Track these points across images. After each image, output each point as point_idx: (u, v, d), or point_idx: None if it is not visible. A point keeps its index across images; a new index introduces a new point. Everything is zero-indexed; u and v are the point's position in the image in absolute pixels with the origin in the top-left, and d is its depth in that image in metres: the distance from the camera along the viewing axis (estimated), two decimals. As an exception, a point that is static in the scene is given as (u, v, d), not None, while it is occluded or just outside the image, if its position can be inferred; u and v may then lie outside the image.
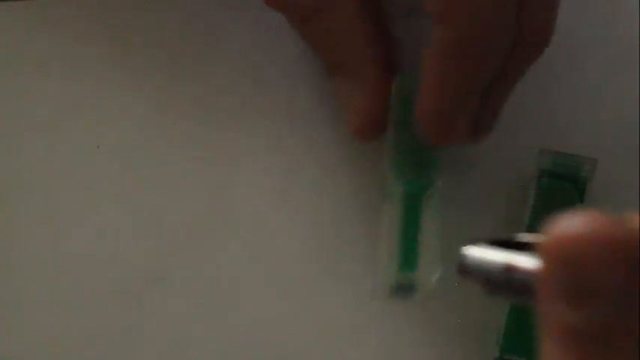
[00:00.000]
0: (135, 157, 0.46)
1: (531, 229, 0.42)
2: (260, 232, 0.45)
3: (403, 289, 0.41)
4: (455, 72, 0.39)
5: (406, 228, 0.41)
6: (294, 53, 0.47)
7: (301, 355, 0.44)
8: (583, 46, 0.47)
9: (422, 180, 0.42)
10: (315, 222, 0.45)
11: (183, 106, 0.47)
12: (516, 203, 0.44)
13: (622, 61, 0.46)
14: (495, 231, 0.44)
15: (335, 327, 0.44)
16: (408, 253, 0.41)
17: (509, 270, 0.31)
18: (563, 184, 0.42)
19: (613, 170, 0.45)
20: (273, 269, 0.45)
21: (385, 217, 0.42)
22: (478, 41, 0.38)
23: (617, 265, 0.26)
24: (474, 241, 0.32)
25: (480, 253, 0.31)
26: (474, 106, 0.41)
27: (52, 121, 0.46)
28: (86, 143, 0.46)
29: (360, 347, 0.44)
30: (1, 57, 0.47)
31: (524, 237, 0.32)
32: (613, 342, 0.27)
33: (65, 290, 0.44)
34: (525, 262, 0.31)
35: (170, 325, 0.44)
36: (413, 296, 0.41)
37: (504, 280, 0.31)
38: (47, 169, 0.46)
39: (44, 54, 0.47)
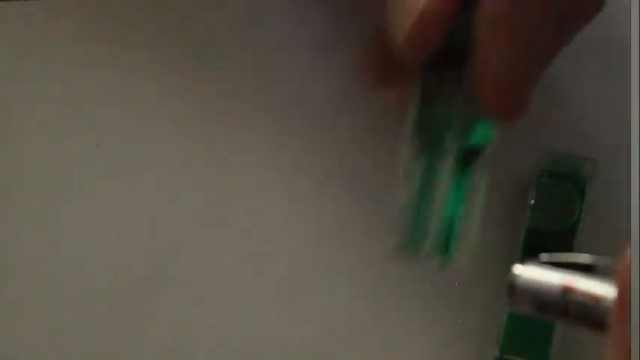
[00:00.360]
0: (135, 156, 0.46)
1: (531, 229, 0.42)
2: (260, 231, 0.45)
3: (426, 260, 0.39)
4: (521, 21, 0.34)
5: (453, 203, 0.38)
6: (297, 51, 0.47)
7: (301, 354, 0.44)
8: (583, 45, 0.47)
9: (482, 139, 0.38)
10: (316, 221, 0.45)
11: (183, 105, 0.47)
12: (516, 203, 0.44)
13: (622, 60, 0.46)
14: (495, 231, 0.44)
15: (336, 326, 0.44)
16: (446, 235, 0.38)
17: (567, 291, 0.30)
18: (563, 184, 0.42)
19: (613, 170, 0.45)
20: (274, 269, 0.44)
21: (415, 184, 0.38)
22: None
23: None
24: (522, 260, 0.31)
25: (533, 274, 0.30)
26: (544, 67, 0.36)
27: (52, 121, 0.46)
28: (86, 143, 0.46)
29: (359, 347, 0.44)
30: (1, 57, 0.47)
31: (577, 257, 0.31)
32: None
33: (65, 290, 0.44)
34: (584, 284, 0.30)
35: (170, 325, 0.44)
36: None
37: (561, 302, 0.30)
38: (47, 169, 0.46)
39: (44, 54, 0.47)
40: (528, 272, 0.30)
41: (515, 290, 0.30)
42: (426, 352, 0.44)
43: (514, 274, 0.30)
